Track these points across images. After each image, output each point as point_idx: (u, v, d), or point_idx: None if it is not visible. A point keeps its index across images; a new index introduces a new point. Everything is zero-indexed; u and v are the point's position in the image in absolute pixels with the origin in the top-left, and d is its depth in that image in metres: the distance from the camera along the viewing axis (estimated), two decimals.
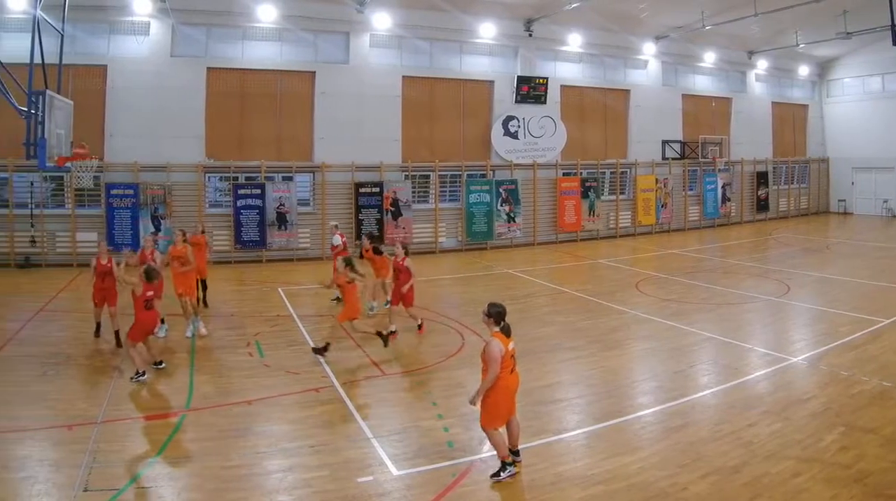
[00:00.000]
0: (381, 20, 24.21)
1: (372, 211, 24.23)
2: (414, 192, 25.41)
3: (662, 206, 30.93)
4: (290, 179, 23.54)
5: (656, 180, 30.67)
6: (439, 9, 24.44)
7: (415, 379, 11.12)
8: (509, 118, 27.12)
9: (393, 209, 24.51)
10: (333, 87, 24.07)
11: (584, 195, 28.64)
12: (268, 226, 22.92)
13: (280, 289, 18.32)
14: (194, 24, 22.32)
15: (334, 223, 18.19)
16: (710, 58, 32.45)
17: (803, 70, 36.98)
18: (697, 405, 9.72)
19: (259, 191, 22.83)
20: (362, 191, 24.17)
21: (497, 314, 7.69)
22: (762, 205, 35.12)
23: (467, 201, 26.03)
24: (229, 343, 13.19)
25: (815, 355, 11.94)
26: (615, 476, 7.51)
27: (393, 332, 12.97)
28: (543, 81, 27.54)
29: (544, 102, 27.66)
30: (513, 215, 26.86)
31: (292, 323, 14.74)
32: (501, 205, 26.59)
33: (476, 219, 26.17)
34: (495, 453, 7.58)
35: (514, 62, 27.48)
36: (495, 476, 7.45)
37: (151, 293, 11.04)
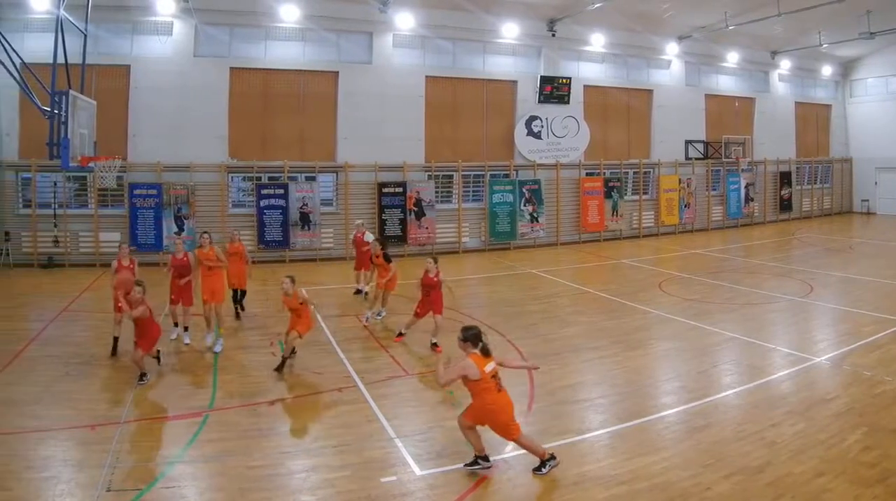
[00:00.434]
0: (404, 20, 23.74)
1: (395, 211, 23.69)
2: (437, 192, 24.86)
3: (686, 206, 30.18)
4: (314, 179, 23.07)
5: (679, 180, 29.94)
6: (462, 9, 23.96)
7: None
8: (532, 118, 26.52)
9: (416, 209, 23.98)
10: (356, 87, 23.60)
11: (608, 195, 28.01)
12: (291, 226, 22.45)
13: (303, 289, 17.60)
14: (217, 23, 21.95)
15: (360, 221, 18.25)
16: (733, 58, 31.70)
17: (826, 70, 36.11)
18: (720, 405, 9.56)
19: (282, 191, 22.36)
20: (385, 191, 23.67)
21: (473, 337, 7.52)
22: (785, 205, 34.33)
23: (490, 201, 25.49)
24: (253, 343, 12.96)
25: (839, 355, 11.72)
26: (638, 476, 7.39)
27: (435, 344, 12.19)
28: (566, 81, 26.91)
29: (567, 102, 27.04)
30: (536, 215, 26.25)
31: (315, 323, 14.06)
32: (524, 205, 25.99)
33: (499, 219, 25.60)
34: (528, 452, 7.56)
35: (537, 62, 26.88)
36: (471, 465, 7.50)
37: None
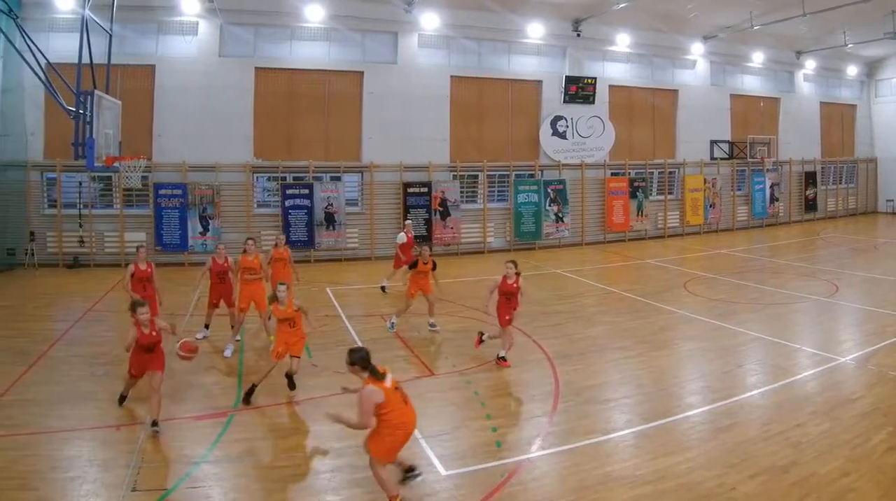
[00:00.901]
0: (430, 20, 23.18)
1: (420, 211, 23.03)
2: (462, 192, 24.23)
3: (711, 206, 29.31)
4: (339, 179, 22.54)
5: (704, 180, 29.09)
6: (487, 9, 23.41)
7: (463, 379, 10.54)
8: (557, 118, 25.80)
9: (441, 209, 23.34)
10: (381, 87, 23.02)
11: (633, 195, 27.25)
12: (316, 225, 21.90)
13: (328, 289, 17.58)
14: (242, 24, 21.50)
15: (410, 221, 19.13)
16: (758, 58, 30.81)
17: (851, 70, 35.08)
18: (745, 405, 9.31)
19: (307, 191, 21.79)
20: (410, 190, 23.07)
21: (360, 360, 6.45)
22: (810, 205, 33.37)
23: (515, 201, 24.82)
24: None
25: (864, 355, 11.43)
26: (663, 476, 7.19)
27: (502, 358, 11.24)
28: (592, 81, 26.17)
29: (592, 102, 26.29)
30: (561, 215, 25.52)
31: (340, 323, 14.03)
32: (550, 205, 25.27)
33: (524, 218, 24.92)
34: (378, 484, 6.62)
35: (562, 62, 26.16)
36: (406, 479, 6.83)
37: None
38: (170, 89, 20.56)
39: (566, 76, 25.81)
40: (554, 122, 25.74)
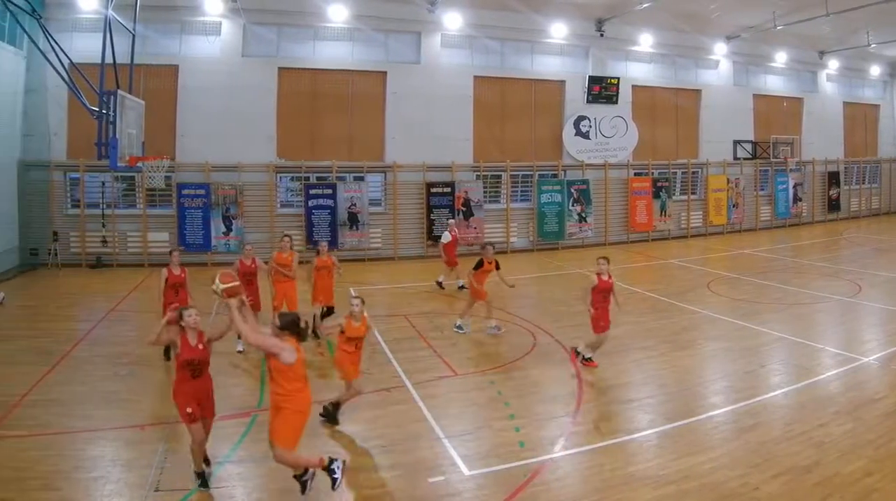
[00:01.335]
0: (453, 20, 22.58)
1: (443, 211, 22.42)
2: (485, 192, 23.64)
3: (734, 206, 28.50)
4: (362, 179, 22.04)
5: (728, 180, 28.29)
6: (510, 9, 22.80)
7: (487, 379, 10.40)
8: (581, 118, 25.12)
9: (464, 209, 22.76)
10: (405, 87, 22.49)
11: (656, 195, 26.51)
12: (339, 225, 21.41)
13: (351, 289, 16.89)
14: (266, 23, 21.05)
15: (453, 220, 18.74)
16: (781, 58, 29.89)
17: (875, 70, 34.04)
18: (769, 405, 9.19)
19: (330, 191, 21.29)
20: (434, 190, 22.52)
21: (290, 323, 6.64)
22: (834, 205, 32.43)
23: (539, 201, 24.19)
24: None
25: (887, 355, 11.24)
26: (687, 475, 7.11)
27: (588, 359, 10.80)
28: (615, 81, 25.48)
29: (615, 102, 25.58)
30: (584, 215, 24.86)
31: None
32: (573, 205, 24.60)
33: (547, 218, 24.28)
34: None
35: (585, 62, 25.48)
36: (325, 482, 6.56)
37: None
38: (193, 89, 20.14)
39: (589, 76, 25.14)
40: (577, 122, 25.07)
